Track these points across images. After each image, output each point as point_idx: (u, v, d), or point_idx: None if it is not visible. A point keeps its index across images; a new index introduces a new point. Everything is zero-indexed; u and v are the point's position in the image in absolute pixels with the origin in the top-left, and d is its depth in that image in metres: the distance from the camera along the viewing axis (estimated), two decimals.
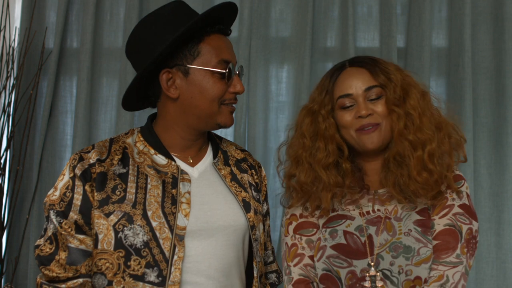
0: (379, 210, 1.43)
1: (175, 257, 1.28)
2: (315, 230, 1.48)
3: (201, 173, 1.42)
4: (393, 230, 1.39)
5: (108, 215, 1.29)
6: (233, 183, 1.44)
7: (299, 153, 1.49)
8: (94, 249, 1.30)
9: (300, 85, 2.29)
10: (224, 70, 1.35)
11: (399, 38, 2.34)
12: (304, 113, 1.52)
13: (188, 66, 1.34)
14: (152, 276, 1.27)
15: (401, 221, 1.40)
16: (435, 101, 1.48)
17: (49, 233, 1.30)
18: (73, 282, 1.28)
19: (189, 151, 1.43)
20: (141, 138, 1.42)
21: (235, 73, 1.38)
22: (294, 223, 1.50)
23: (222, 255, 1.35)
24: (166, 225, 1.30)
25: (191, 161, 1.42)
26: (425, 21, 2.27)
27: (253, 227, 1.41)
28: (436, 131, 1.41)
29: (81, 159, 1.33)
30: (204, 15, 1.32)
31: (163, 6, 1.40)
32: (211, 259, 1.34)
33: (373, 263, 1.36)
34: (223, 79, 1.35)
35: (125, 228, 1.28)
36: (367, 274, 1.36)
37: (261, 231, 1.47)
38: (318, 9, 2.37)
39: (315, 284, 1.45)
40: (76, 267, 1.28)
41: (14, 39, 2.37)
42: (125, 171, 1.35)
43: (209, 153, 1.47)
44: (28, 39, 2.30)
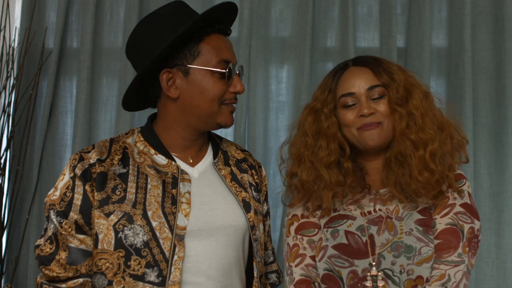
0: (380, 210, 1.43)
1: (175, 257, 1.28)
2: (316, 230, 1.48)
3: (201, 173, 1.42)
4: (394, 230, 1.39)
5: (108, 215, 1.29)
6: (233, 183, 1.44)
7: (301, 151, 1.49)
8: (94, 249, 1.30)
9: (300, 85, 2.29)
10: (224, 70, 1.35)
11: (399, 38, 2.34)
12: (306, 111, 1.53)
13: (188, 66, 1.34)
14: (152, 276, 1.27)
15: (402, 221, 1.40)
16: (438, 102, 1.48)
17: (49, 233, 1.30)
18: (73, 282, 1.28)
19: (189, 151, 1.43)
20: (141, 138, 1.42)
21: (235, 73, 1.38)
22: (296, 224, 1.50)
23: (222, 255, 1.35)
24: (166, 225, 1.30)
25: (191, 161, 1.42)
26: (425, 21, 2.27)
27: (253, 227, 1.41)
28: (438, 131, 1.41)
29: (81, 159, 1.33)
30: (204, 15, 1.32)
31: (163, 6, 1.40)
32: (211, 259, 1.33)
33: (374, 263, 1.36)
34: (223, 79, 1.35)
35: (125, 228, 1.28)
36: (369, 273, 1.36)
37: (261, 231, 1.47)
38: (318, 9, 2.37)
39: (316, 284, 1.44)
40: (76, 267, 1.28)
41: (14, 39, 2.37)
42: (125, 171, 1.35)
43: (209, 153, 1.47)
44: (28, 39, 2.29)
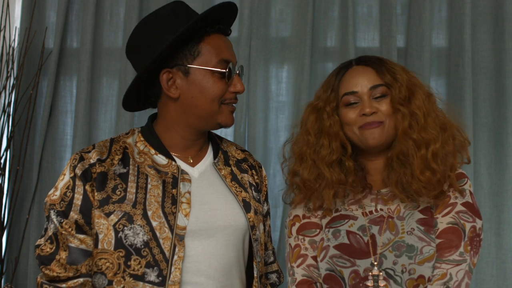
0: (381, 210, 1.43)
1: (175, 257, 1.28)
2: (318, 230, 1.48)
3: (201, 173, 1.41)
4: (395, 229, 1.38)
5: (108, 214, 1.29)
6: (233, 183, 1.44)
7: (303, 150, 1.49)
8: (94, 248, 1.30)
9: (300, 85, 2.29)
10: (224, 70, 1.35)
11: (399, 38, 2.34)
12: (309, 110, 1.53)
13: (189, 66, 1.34)
14: (152, 276, 1.27)
15: (403, 220, 1.40)
16: (440, 103, 1.48)
17: (49, 232, 1.30)
18: (74, 281, 1.27)
19: (190, 151, 1.43)
20: (142, 138, 1.42)
21: (235, 72, 1.38)
22: (297, 224, 1.50)
23: (222, 255, 1.35)
24: (166, 225, 1.30)
25: (191, 161, 1.42)
26: (425, 21, 2.27)
27: (253, 227, 1.41)
28: (441, 131, 1.41)
29: (81, 159, 1.33)
30: (204, 15, 1.32)
31: (163, 6, 1.40)
32: (211, 259, 1.33)
33: (376, 263, 1.36)
34: (223, 78, 1.35)
35: (125, 228, 1.28)
36: (370, 273, 1.36)
37: (261, 231, 1.47)
38: (318, 9, 2.37)
39: (318, 284, 1.44)
40: (76, 267, 1.28)
41: (14, 39, 2.37)
42: (125, 171, 1.35)
43: (210, 153, 1.47)
44: (28, 39, 2.29)
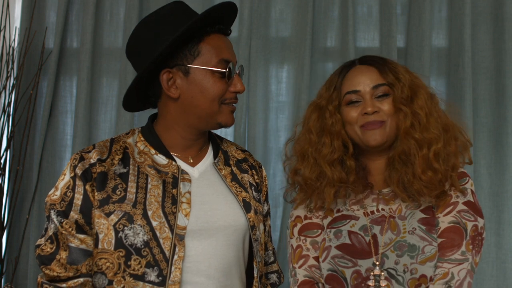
0: (383, 210, 1.43)
1: (175, 257, 1.28)
2: (319, 231, 1.48)
3: (201, 173, 1.41)
4: (397, 229, 1.38)
5: (108, 214, 1.29)
6: (233, 183, 1.44)
7: (305, 148, 1.49)
8: (94, 248, 1.30)
9: (300, 85, 2.29)
10: (224, 70, 1.35)
11: (399, 38, 2.34)
12: (311, 109, 1.53)
13: (189, 65, 1.34)
14: (152, 275, 1.27)
15: (405, 220, 1.40)
16: (442, 104, 1.48)
17: (49, 232, 1.30)
18: (74, 281, 1.27)
19: (190, 151, 1.43)
20: (142, 138, 1.42)
21: (235, 72, 1.38)
22: (299, 225, 1.50)
23: (222, 255, 1.35)
24: (166, 225, 1.30)
25: (191, 161, 1.42)
26: (425, 21, 2.26)
27: (253, 227, 1.41)
28: (443, 132, 1.41)
29: (81, 159, 1.33)
30: (203, 14, 1.32)
31: (163, 6, 1.40)
32: (211, 259, 1.33)
33: (378, 263, 1.36)
34: (224, 78, 1.35)
35: (125, 228, 1.28)
36: (372, 273, 1.36)
37: (261, 231, 1.47)
38: (318, 9, 2.37)
39: (320, 285, 1.44)
40: (76, 267, 1.28)
41: (14, 39, 2.37)
42: (125, 171, 1.35)
43: (210, 153, 1.47)
44: (28, 39, 2.29)
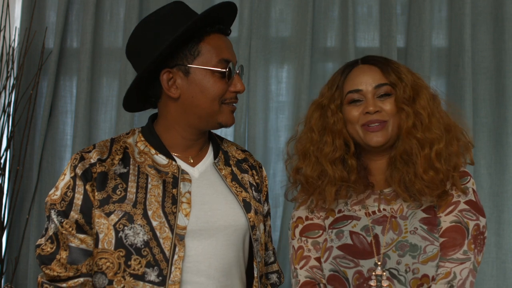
0: (384, 210, 1.43)
1: (176, 257, 1.28)
2: (321, 231, 1.48)
3: (201, 173, 1.41)
4: (399, 229, 1.39)
5: (108, 214, 1.29)
6: (233, 183, 1.44)
7: (306, 147, 1.50)
8: (94, 248, 1.30)
9: (300, 85, 2.29)
10: (225, 69, 1.35)
11: (399, 38, 2.34)
12: (313, 107, 1.53)
13: (189, 65, 1.34)
14: (152, 275, 1.27)
15: (406, 220, 1.39)
16: (444, 105, 1.48)
17: (50, 232, 1.30)
18: (74, 281, 1.27)
19: (190, 151, 1.43)
20: (142, 138, 1.42)
21: (235, 72, 1.38)
22: (300, 226, 1.51)
23: (222, 255, 1.35)
24: (166, 225, 1.30)
25: (191, 161, 1.42)
26: (425, 21, 2.27)
27: (253, 227, 1.41)
28: (445, 132, 1.41)
29: (82, 158, 1.33)
30: (203, 14, 1.32)
31: (163, 6, 1.40)
32: (211, 259, 1.33)
33: (380, 263, 1.36)
34: (224, 78, 1.35)
35: (125, 228, 1.28)
36: (373, 273, 1.35)
37: (261, 231, 1.47)
38: (318, 9, 2.37)
39: (321, 285, 1.44)
40: (77, 267, 1.28)
41: (14, 39, 2.37)
42: (125, 171, 1.35)
43: (210, 153, 1.47)
44: (28, 39, 2.29)
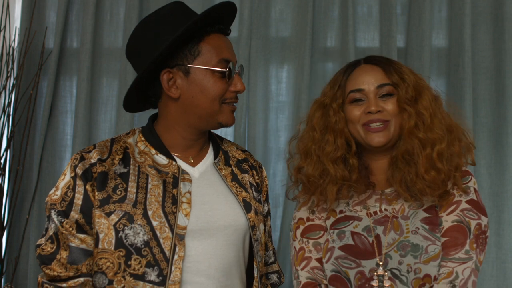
0: (386, 210, 1.43)
1: (176, 257, 1.28)
2: (322, 232, 1.48)
3: (202, 173, 1.42)
4: (400, 229, 1.39)
5: (108, 214, 1.29)
6: (233, 183, 1.44)
7: (308, 146, 1.50)
8: (95, 248, 1.30)
9: (300, 85, 2.29)
10: (225, 69, 1.35)
11: (399, 38, 2.34)
12: (315, 106, 1.53)
13: (189, 65, 1.34)
14: (152, 275, 1.27)
15: (408, 220, 1.40)
16: (445, 106, 1.48)
17: (50, 232, 1.30)
18: (74, 281, 1.27)
19: (190, 151, 1.43)
20: (142, 138, 1.42)
21: (235, 72, 1.39)
22: (302, 227, 1.51)
23: (222, 255, 1.35)
24: (166, 225, 1.30)
25: (192, 161, 1.42)
26: (425, 21, 2.27)
27: (253, 227, 1.41)
28: (447, 133, 1.41)
29: (82, 158, 1.33)
30: (203, 14, 1.32)
31: (163, 7, 1.40)
32: (211, 259, 1.33)
33: (381, 263, 1.36)
34: (224, 78, 1.35)
35: (125, 228, 1.28)
36: (375, 273, 1.36)
37: (261, 231, 1.47)
38: (318, 9, 2.37)
39: (323, 286, 1.44)
40: (77, 266, 1.28)
41: (14, 39, 2.37)
42: (126, 170, 1.35)
43: (210, 153, 1.47)
44: (28, 39, 2.29)
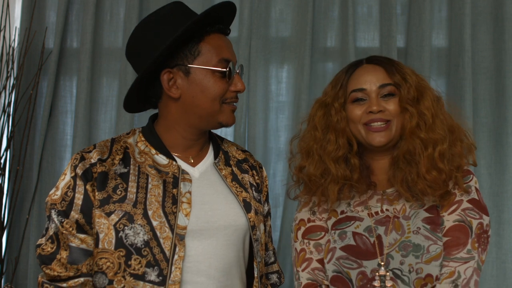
0: (387, 210, 1.43)
1: (176, 257, 1.28)
2: (323, 233, 1.48)
3: (202, 173, 1.42)
4: (401, 229, 1.39)
5: (109, 214, 1.29)
6: (233, 183, 1.44)
7: (310, 145, 1.50)
8: (95, 248, 1.30)
9: (300, 85, 2.29)
10: (225, 69, 1.35)
11: (399, 38, 2.34)
12: (317, 106, 1.53)
13: (189, 65, 1.34)
14: (152, 275, 1.27)
15: (409, 220, 1.40)
16: (446, 106, 1.48)
17: (50, 232, 1.30)
18: (74, 281, 1.27)
19: (190, 151, 1.43)
20: (143, 138, 1.42)
21: (235, 72, 1.39)
22: (303, 228, 1.51)
23: (223, 255, 1.35)
24: (166, 225, 1.30)
25: (192, 161, 1.42)
26: (425, 21, 2.27)
27: (253, 227, 1.41)
28: (449, 133, 1.41)
29: (82, 158, 1.33)
30: (203, 14, 1.33)
31: (163, 7, 1.40)
32: (211, 259, 1.33)
33: (383, 263, 1.36)
34: (224, 78, 1.35)
35: (125, 228, 1.28)
36: (377, 273, 1.36)
37: (262, 231, 1.47)
38: (318, 9, 2.37)
39: (323, 287, 1.44)
40: (77, 266, 1.28)
41: (14, 39, 2.37)
42: (126, 170, 1.35)
43: (210, 153, 1.47)
44: (28, 39, 2.29)
